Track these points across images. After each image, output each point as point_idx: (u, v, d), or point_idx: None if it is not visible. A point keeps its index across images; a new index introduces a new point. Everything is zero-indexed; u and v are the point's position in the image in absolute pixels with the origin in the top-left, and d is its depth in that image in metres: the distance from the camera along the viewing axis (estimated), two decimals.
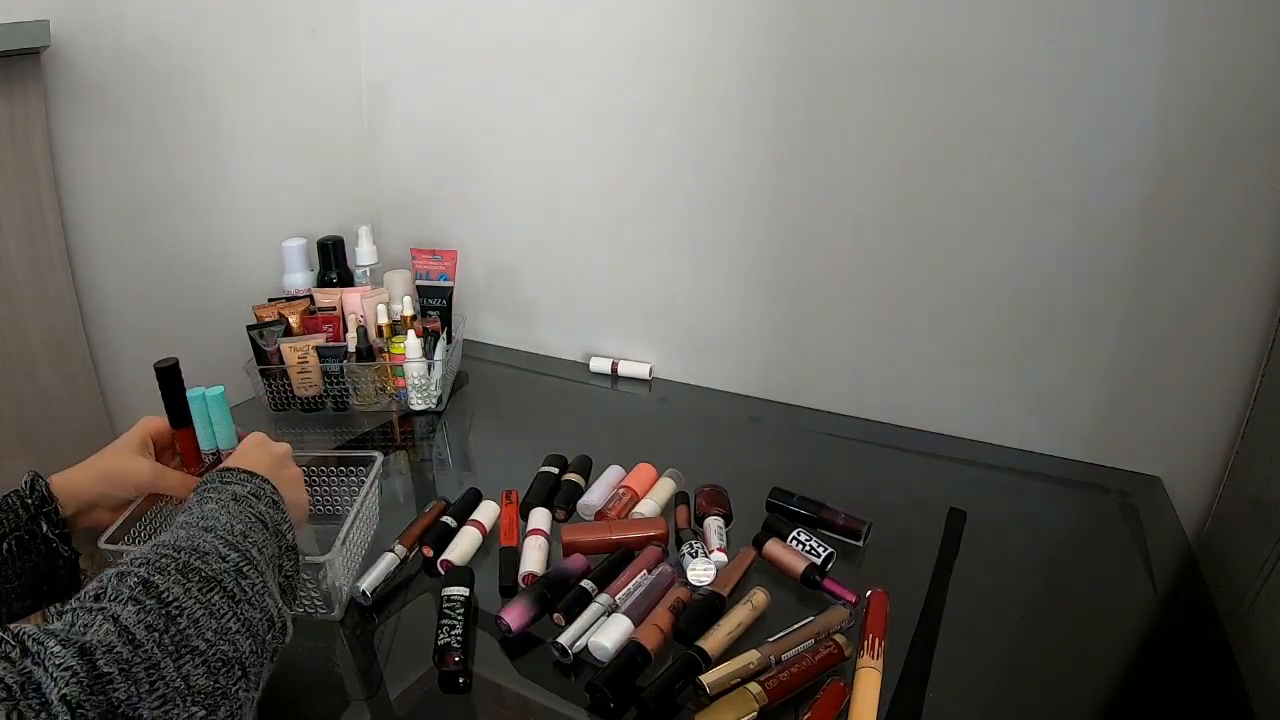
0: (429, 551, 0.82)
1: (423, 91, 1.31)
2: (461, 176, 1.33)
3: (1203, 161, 0.84)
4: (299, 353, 1.11)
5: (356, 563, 0.80)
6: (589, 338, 1.31)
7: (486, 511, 0.88)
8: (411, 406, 1.15)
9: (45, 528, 0.61)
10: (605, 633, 0.69)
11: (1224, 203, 0.85)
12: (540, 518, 0.87)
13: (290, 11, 1.21)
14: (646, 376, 1.25)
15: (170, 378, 0.73)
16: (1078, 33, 0.85)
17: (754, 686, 0.64)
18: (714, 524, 0.84)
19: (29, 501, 0.60)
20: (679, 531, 0.84)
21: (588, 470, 0.96)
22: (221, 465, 0.62)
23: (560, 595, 0.74)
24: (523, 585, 0.78)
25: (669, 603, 0.73)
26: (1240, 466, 0.89)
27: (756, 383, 1.19)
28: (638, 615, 0.71)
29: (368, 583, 0.76)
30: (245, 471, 0.60)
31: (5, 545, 0.58)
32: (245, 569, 0.49)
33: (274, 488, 0.60)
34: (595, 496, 0.90)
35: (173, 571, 0.46)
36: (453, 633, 0.69)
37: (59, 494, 0.62)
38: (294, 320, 1.15)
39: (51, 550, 0.61)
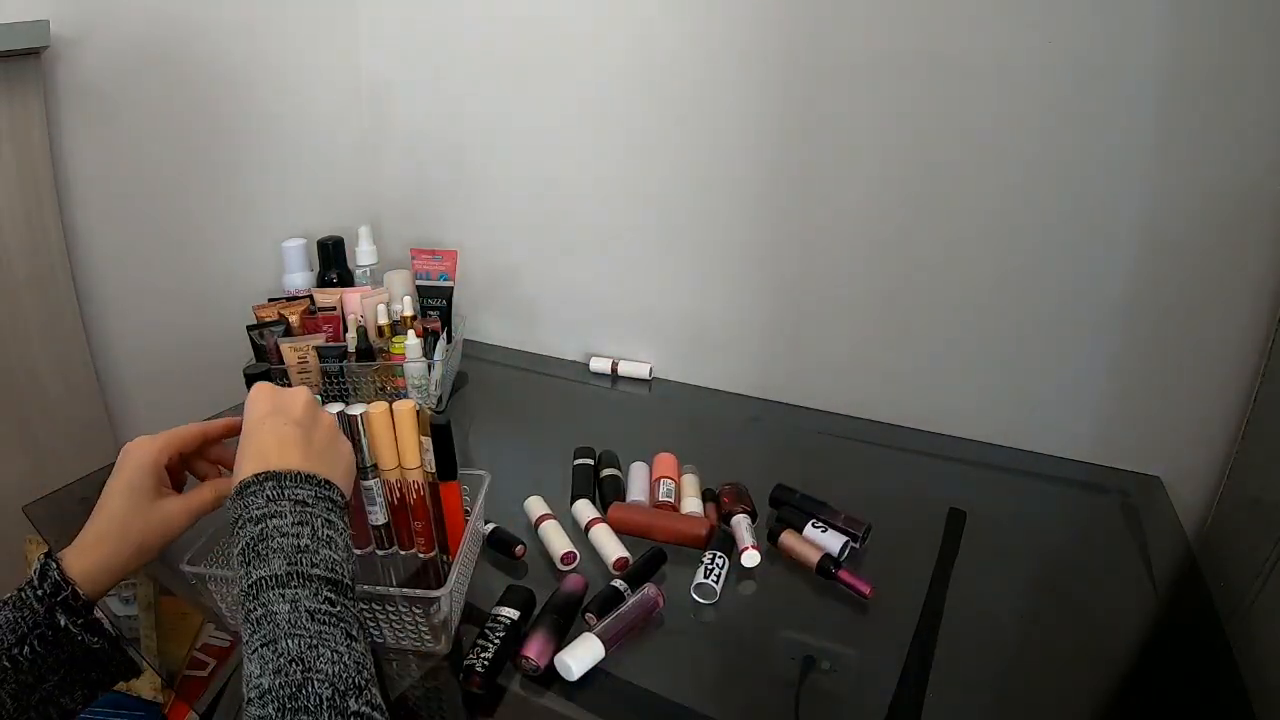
0: (521, 552, 0.83)
1: (423, 92, 1.31)
2: (461, 177, 1.33)
3: (1203, 162, 0.84)
4: (299, 353, 1.11)
5: (464, 589, 0.76)
6: (589, 338, 1.31)
7: (534, 506, 0.89)
8: None
9: (64, 621, 0.51)
10: (573, 652, 0.67)
11: (1224, 202, 0.85)
12: (586, 509, 0.88)
13: (290, 12, 1.21)
14: (646, 376, 1.25)
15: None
16: (1081, 35, 0.85)
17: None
18: (743, 521, 0.84)
19: (41, 593, 0.51)
20: (710, 529, 0.84)
21: (617, 464, 0.97)
22: (249, 480, 0.50)
23: (572, 617, 0.73)
24: (562, 565, 0.81)
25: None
26: (1240, 466, 0.89)
27: (756, 383, 1.19)
28: (609, 637, 0.69)
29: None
30: (292, 499, 0.49)
31: (26, 649, 0.49)
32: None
33: (334, 498, 0.52)
34: (637, 489, 0.91)
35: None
36: (482, 655, 0.67)
37: (78, 577, 0.52)
38: (294, 320, 1.15)
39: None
